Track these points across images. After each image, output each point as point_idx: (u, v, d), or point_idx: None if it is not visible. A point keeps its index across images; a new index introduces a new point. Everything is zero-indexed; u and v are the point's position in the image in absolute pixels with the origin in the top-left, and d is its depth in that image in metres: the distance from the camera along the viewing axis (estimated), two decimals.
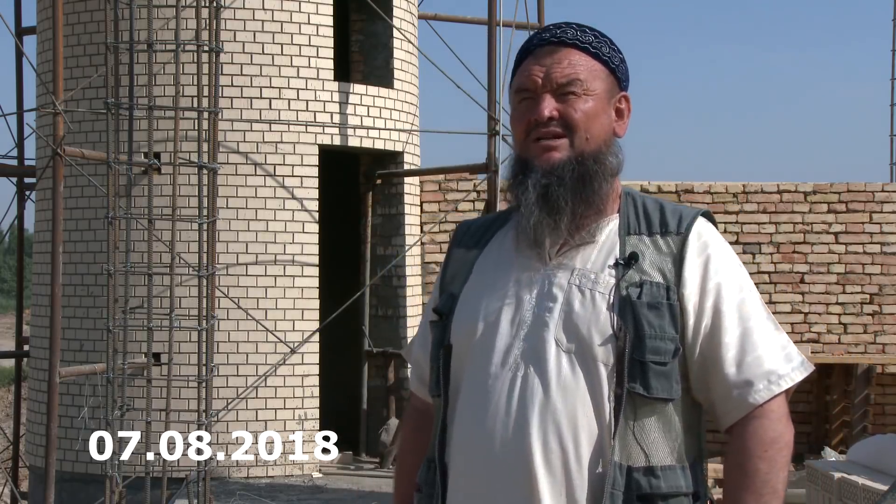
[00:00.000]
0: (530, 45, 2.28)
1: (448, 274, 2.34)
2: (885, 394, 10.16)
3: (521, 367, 2.15)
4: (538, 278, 2.20)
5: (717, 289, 2.18)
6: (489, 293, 2.23)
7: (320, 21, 9.06)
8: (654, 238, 2.20)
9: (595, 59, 2.24)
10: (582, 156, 2.19)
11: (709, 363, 2.17)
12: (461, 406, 2.21)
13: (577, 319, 2.14)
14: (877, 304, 10.16)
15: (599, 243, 2.21)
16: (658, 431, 2.14)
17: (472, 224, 2.39)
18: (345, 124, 9.18)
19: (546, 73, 2.21)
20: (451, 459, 2.21)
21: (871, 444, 6.52)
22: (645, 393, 2.11)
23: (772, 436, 2.17)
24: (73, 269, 8.87)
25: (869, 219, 10.18)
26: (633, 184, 10.10)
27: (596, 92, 2.22)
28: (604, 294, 2.15)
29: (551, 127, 2.20)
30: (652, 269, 2.17)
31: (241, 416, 8.65)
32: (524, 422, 2.11)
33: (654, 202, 2.27)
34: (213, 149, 7.07)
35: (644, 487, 2.10)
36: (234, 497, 7.92)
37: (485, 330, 2.20)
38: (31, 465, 9.52)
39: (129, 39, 6.85)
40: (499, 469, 2.12)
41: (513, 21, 10.09)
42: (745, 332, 2.17)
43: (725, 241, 2.26)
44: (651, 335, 2.12)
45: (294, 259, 8.86)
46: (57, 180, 7.70)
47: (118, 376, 6.85)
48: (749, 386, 2.16)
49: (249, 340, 8.71)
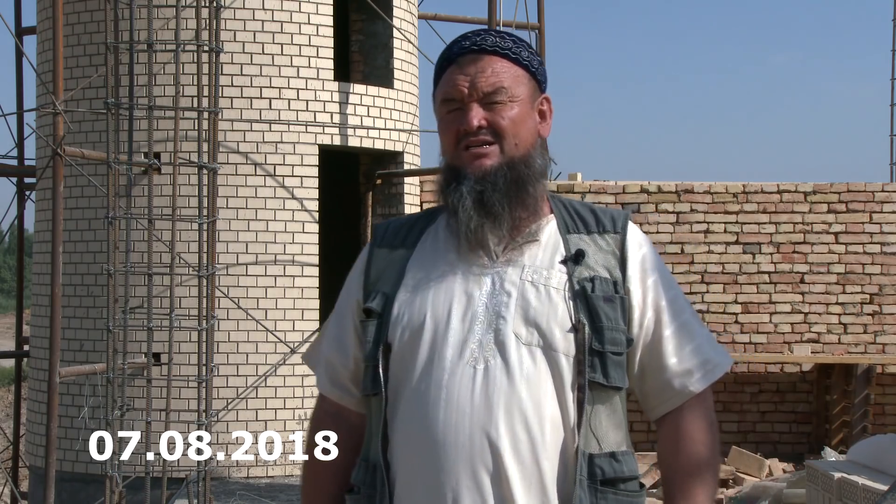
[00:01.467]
0: (451, 54, 2.31)
1: (373, 273, 2.33)
2: (885, 394, 10.16)
3: (481, 360, 2.17)
4: (487, 275, 2.23)
5: (655, 285, 2.28)
6: (434, 291, 2.25)
7: (320, 21, 9.06)
8: (592, 237, 2.29)
9: (516, 65, 2.29)
10: (512, 161, 2.25)
11: (651, 355, 2.27)
12: (410, 402, 2.21)
13: (534, 313, 2.19)
14: (877, 304, 10.16)
15: (543, 242, 2.27)
16: (608, 419, 2.21)
17: (391, 224, 2.40)
18: (345, 124, 9.18)
19: (471, 83, 2.25)
20: (398, 456, 2.21)
21: (871, 444, 6.52)
22: (604, 382, 2.18)
23: (709, 421, 2.27)
24: (73, 269, 8.87)
25: (869, 219, 10.18)
26: (635, 184, 10.11)
27: (520, 97, 2.27)
28: (558, 289, 2.21)
29: (480, 136, 2.24)
30: (597, 265, 2.25)
31: (241, 416, 8.66)
32: (491, 413, 2.14)
33: (581, 204, 2.36)
34: (213, 149, 7.07)
35: (608, 472, 2.17)
36: (234, 497, 7.92)
37: (434, 326, 2.22)
38: (31, 465, 9.52)
39: (129, 39, 6.85)
40: (464, 461, 2.14)
41: (513, 21, 10.10)
42: (681, 325, 2.28)
43: (650, 241, 2.38)
44: (608, 326, 2.20)
45: (294, 259, 8.86)
46: (57, 180, 7.70)
47: (118, 376, 6.86)
48: (689, 375, 2.26)
49: (249, 340, 8.72)
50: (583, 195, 9.95)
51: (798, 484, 7.63)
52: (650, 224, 9.98)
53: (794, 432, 10.17)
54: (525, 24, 10.89)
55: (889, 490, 4.88)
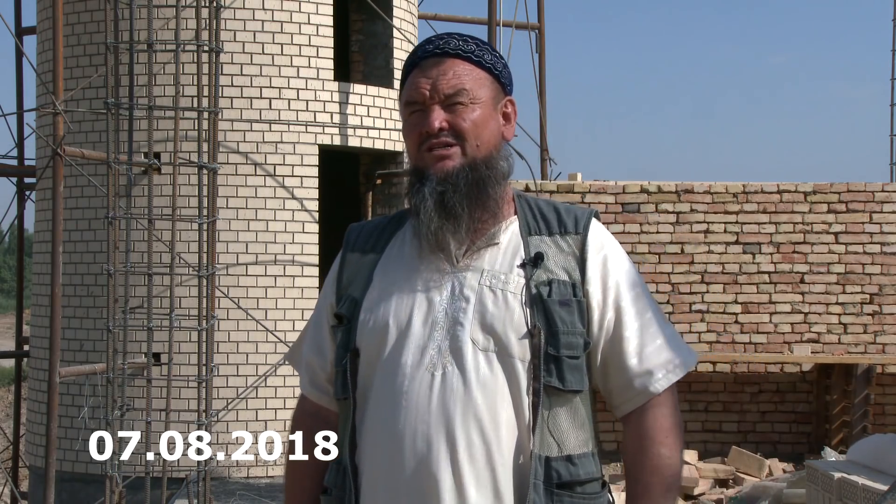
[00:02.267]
0: (415, 58, 2.35)
1: (345, 278, 2.36)
2: (885, 394, 10.15)
3: (439, 366, 2.20)
4: (447, 280, 2.25)
5: (617, 286, 2.28)
6: (397, 296, 2.27)
7: (320, 21, 9.06)
8: (554, 238, 2.29)
9: (479, 68, 2.31)
10: (474, 162, 2.26)
11: (611, 355, 2.27)
12: (374, 407, 2.24)
13: (491, 319, 2.20)
14: (877, 304, 10.16)
15: (503, 245, 2.28)
16: (568, 422, 2.22)
17: (364, 227, 2.42)
18: (345, 124, 9.18)
19: (433, 85, 2.28)
20: (365, 459, 2.24)
21: (871, 444, 6.52)
22: (560, 386, 2.19)
23: (672, 422, 2.27)
24: (73, 269, 8.87)
25: (869, 219, 10.18)
26: (635, 184, 10.11)
27: (482, 100, 2.28)
28: (515, 294, 2.22)
29: (442, 137, 2.27)
30: (557, 267, 2.26)
31: (241, 416, 8.66)
32: (447, 419, 2.16)
33: (547, 204, 2.35)
34: (213, 149, 7.07)
35: (564, 475, 2.18)
36: (234, 497, 7.92)
37: (396, 332, 2.24)
38: (31, 465, 9.52)
39: (129, 39, 6.85)
40: (423, 468, 2.16)
41: (513, 21, 10.10)
42: (643, 326, 2.28)
43: (615, 240, 2.37)
44: (564, 331, 2.20)
45: (294, 259, 8.86)
46: (57, 180, 7.70)
47: (118, 376, 6.86)
48: (650, 375, 2.26)
49: (249, 340, 8.72)
50: (583, 195, 9.95)
51: (798, 484, 7.63)
52: (650, 224, 9.98)
53: (794, 432, 10.16)
54: (525, 24, 10.89)
55: (889, 490, 4.88)
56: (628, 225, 9.99)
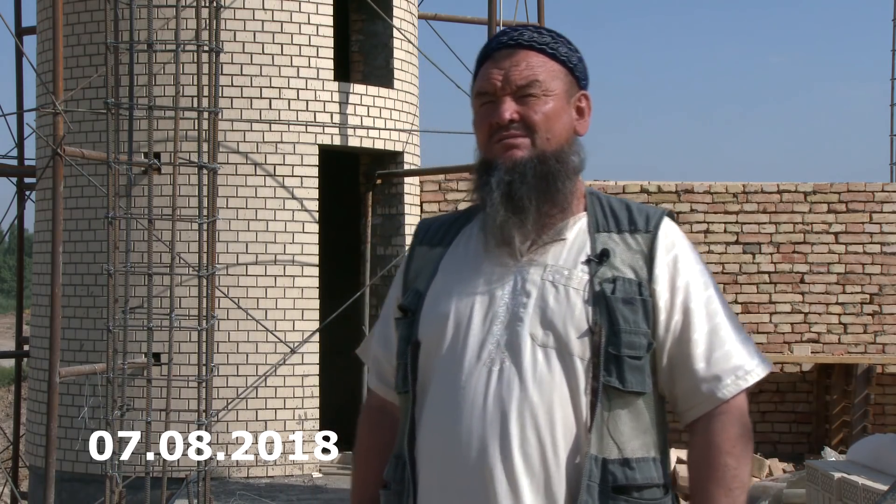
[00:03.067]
0: (489, 50, 2.31)
1: (412, 271, 2.35)
2: (885, 394, 10.16)
3: (497, 362, 2.17)
4: (510, 275, 2.22)
5: (686, 287, 2.22)
6: (459, 289, 2.25)
7: (320, 21, 9.06)
8: (623, 236, 2.24)
9: (553, 60, 2.27)
10: (544, 155, 2.23)
11: (678, 358, 2.21)
12: (432, 401, 2.22)
13: (552, 315, 2.17)
14: (877, 304, 10.16)
15: (569, 241, 2.24)
16: (630, 424, 2.16)
17: (434, 222, 2.41)
18: (345, 124, 9.18)
19: (505, 76, 2.24)
20: (422, 454, 2.22)
21: (871, 444, 6.52)
22: (620, 386, 2.14)
23: (739, 431, 2.20)
24: (73, 269, 8.87)
25: (869, 219, 10.18)
26: (635, 184, 10.11)
27: (555, 92, 2.25)
28: (578, 290, 2.18)
29: (512, 129, 2.23)
30: (623, 265, 2.20)
31: (241, 416, 8.66)
32: (502, 416, 2.13)
33: (619, 201, 2.31)
34: (213, 149, 7.07)
35: (620, 479, 2.12)
36: (234, 497, 7.92)
37: (456, 326, 2.22)
38: (31, 465, 9.52)
39: (129, 39, 6.85)
40: (477, 463, 2.14)
41: (513, 21, 10.10)
42: (712, 329, 2.21)
43: (688, 241, 2.31)
44: (626, 330, 2.15)
45: (294, 259, 8.86)
46: (57, 180, 7.70)
47: (118, 376, 6.86)
48: (718, 381, 2.20)
49: (249, 340, 8.72)
50: None
51: (798, 484, 7.63)
52: None
53: (794, 432, 10.17)
54: (525, 24, 10.88)
55: (889, 490, 4.88)
56: None
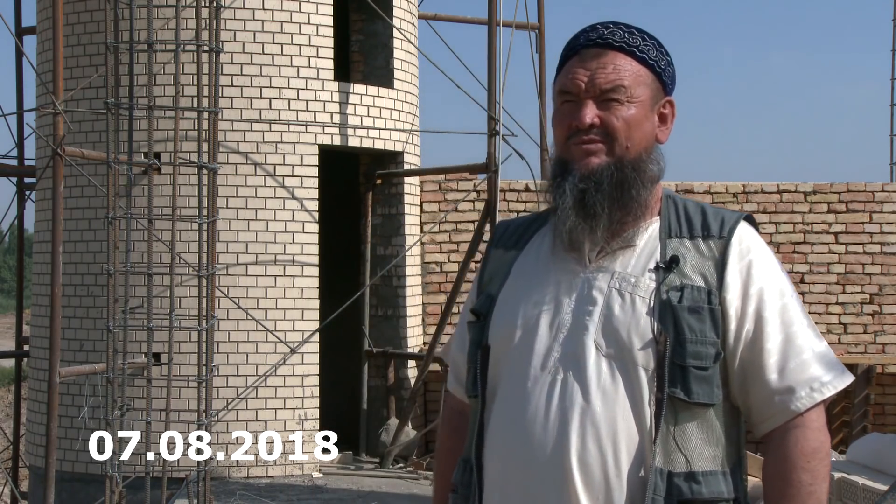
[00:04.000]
0: (576, 45, 2.24)
1: (487, 274, 2.33)
2: (885, 394, 10.15)
3: (561, 371, 2.13)
4: (578, 282, 2.18)
5: (760, 294, 2.15)
6: (528, 295, 2.21)
7: (320, 21, 9.06)
8: (695, 241, 2.18)
9: (641, 64, 2.21)
10: (621, 162, 2.17)
11: (750, 369, 2.14)
12: (498, 408, 2.20)
13: (616, 324, 2.12)
14: (877, 304, 10.16)
15: (639, 247, 2.19)
16: (699, 437, 2.12)
17: (511, 224, 2.37)
18: (345, 124, 9.18)
19: (590, 78, 2.18)
20: (488, 460, 2.20)
21: (870, 443, 6.52)
22: (686, 398, 2.09)
23: (814, 446, 2.13)
24: (73, 269, 8.87)
25: (869, 219, 10.18)
26: None
27: (640, 98, 2.19)
28: (644, 298, 2.13)
29: (591, 134, 2.17)
30: (693, 272, 2.14)
31: (241, 416, 8.65)
32: (564, 427, 2.09)
33: (695, 205, 2.24)
34: (213, 149, 7.07)
35: (685, 493, 2.07)
36: (234, 497, 7.91)
37: (523, 332, 2.19)
38: (31, 465, 9.52)
39: (129, 39, 6.84)
40: (537, 473, 2.11)
41: (513, 21, 10.09)
42: (787, 338, 2.14)
43: (767, 246, 2.23)
44: (692, 340, 2.09)
45: (294, 259, 8.86)
46: (57, 180, 7.70)
47: (118, 376, 6.85)
48: (791, 393, 2.13)
49: (249, 340, 8.71)
50: None
51: None
52: None
53: None
54: (525, 24, 10.88)
55: (889, 490, 4.89)
56: None
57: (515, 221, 2.37)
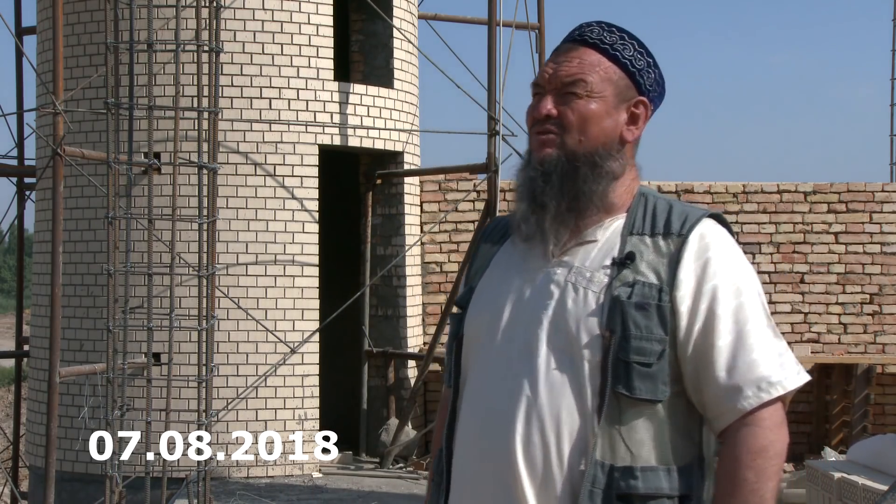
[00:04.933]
0: (561, 42, 2.31)
1: (473, 268, 2.38)
2: (885, 394, 10.15)
3: (515, 362, 2.18)
4: (539, 275, 2.22)
5: (713, 291, 2.14)
6: (497, 288, 2.27)
7: (320, 21, 9.06)
8: (655, 239, 2.18)
9: (612, 62, 2.24)
10: (573, 155, 2.20)
11: (701, 366, 2.14)
12: (466, 397, 2.27)
13: (567, 317, 2.15)
14: (877, 304, 10.16)
15: (601, 242, 2.21)
16: (645, 433, 2.12)
17: (503, 220, 2.41)
18: (345, 124, 9.18)
19: (554, 71, 2.24)
20: (455, 448, 2.27)
21: (871, 444, 6.52)
22: (628, 393, 2.10)
23: (761, 444, 2.11)
24: (73, 269, 8.87)
25: (869, 219, 10.18)
26: None
27: (602, 94, 2.22)
28: (595, 293, 2.15)
29: (546, 125, 2.22)
30: (648, 269, 2.15)
31: (241, 416, 8.65)
32: (511, 417, 2.15)
33: (665, 203, 2.24)
34: (213, 149, 7.07)
35: (622, 487, 2.08)
36: (234, 497, 7.91)
37: (489, 324, 2.24)
38: (31, 465, 9.52)
39: (129, 39, 6.84)
40: (486, 462, 2.17)
41: (513, 21, 10.09)
42: (738, 337, 2.12)
43: (733, 244, 2.22)
44: (636, 336, 2.10)
45: (294, 259, 8.86)
46: (57, 180, 7.70)
47: (118, 376, 6.85)
48: (739, 392, 2.11)
49: (249, 340, 8.71)
50: None
51: (798, 484, 7.63)
52: None
53: (794, 432, 10.12)
54: (525, 24, 10.88)
55: (889, 490, 4.89)
56: None
57: (508, 217, 2.40)
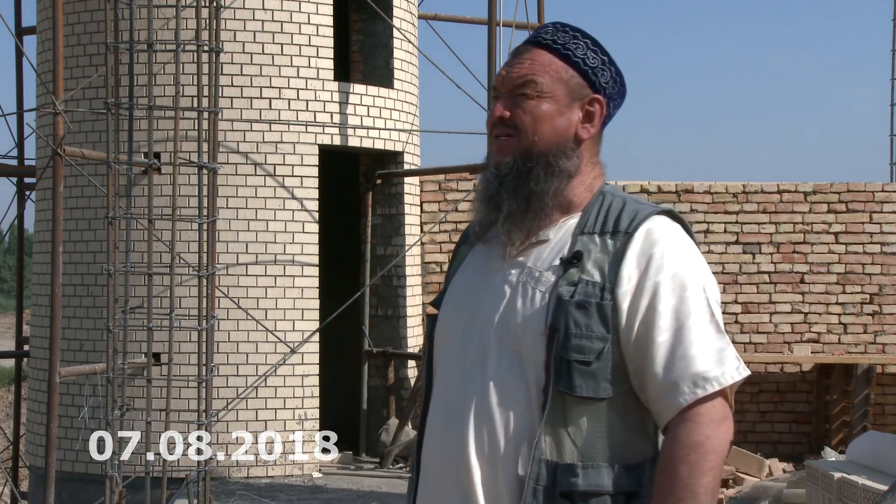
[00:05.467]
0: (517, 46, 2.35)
1: (451, 270, 2.41)
2: (885, 394, 10.16)
3: (469, 363, 2.22)
4: (497, 276, 2.26)
5: (655, 287, 2.14)
6: (463, 289, 2.31)
7: (320, 21, 9.06)
8: (603, 237, 2.20)
9: (564, 61, 2.25)
10: (527, 155, 2.23)
11: (641, 363, 2.15)
12: (433, 395, 2.31)
13: (515, 317, 2.19)
14: (877, 304, 10.16)
15: (553, 242, 2.23)
16: (590, 430, 2.14)
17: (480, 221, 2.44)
18: (345, 124, 9.18)
19: (507, 74, 2.27)
20: (423, 454, 2.30)
21: (869, 442, 6.52)
22: (569, 392, 2.12)
23: (696, 440, 2.09)
24: (73, 269, 8.87)
25: (869, 219, 10.18)
26: (633, 184, 10.10)
27: (553, 94, 2.24)
28: (542, 293, 2.18)
29: (502, 127, 2.26)
30: (593, 268, 2.17)
31: (241, 416, 8.65)
32: (465, 414, 2.19)
33: (620, 201, 2.25)
34: (213, 149, 7.07)
35: (563, 484, 2.11)
36: (234, 497, 7.92)
37: (455, 324, 2.28)
38: (31, 465, 9.52)
39: (129, 39, 6.85)
40: (446, 456, 2.21)
41: (513, 21, 10.09)
42: (678, 333, 2.13)
43: (684, 239, 2.22)
44: (577, 334, 2.12)
45: (294, 259, 8.86)
46: (57, 180, 7.70)
47: (118, 376, 6.85)
48: (675, 388, 2.12)
49: (249, 340, 8.71)
50: None
51: (798, 484, 7.63)
52: None
53: (794, 432, 10.17)
54: (525, 24, 10.89)
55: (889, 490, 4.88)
56: None
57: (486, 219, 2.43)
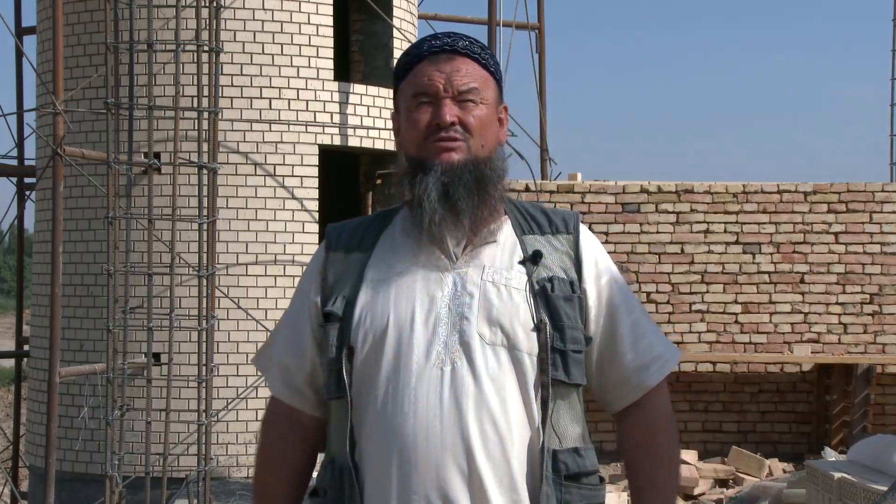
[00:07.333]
0: (421, 51, 2.35)
1: (330, 277, 2.34)
2: (885, 394, 10.15)
3: (447, 362, 2.21)
4: (447, 276, 2.27)
5: (609, 284, 2.36)
6: (396, 293, 2.27)
7: (320, 21, 9.06)
8: (547, 237, 2.35)
9: (485, 70, 2.35)
10: (478, 160, 2.30)
11: (608, 351, 2.35)
12: (377, 406, 2.23)
13: (497, 314, 2.24)
14: (877, 304, 10.16)
15: (501, 243, 2.32)
16: (568, 416, 2.28)
17: (345, 227, 2.41)
18: (345, 124, 9.18)
19: (448, 79, 2.30)
20: (369, 458, 2.23)
21: (871, 444, 6.52)
22: (566, 379, 2.26)
23: (668, 409, 2.37)
24: (73, 269, 8.87)
25: (869, 219, 10.17)
26: (635, 184, 10.10)
27: (488, 101, 2.34)
28: (519, 289, 2.27)
29: (452, 131, 2.29)
30: (554, 265, 2.32)
31: (241, 416, 8.66)
32: (461, 414, 2.18)
33: (532, 205, 2.41)
34: (213, 149, 7.08)
35: (572, 467, 2.25)
36: (234, 497, 7.92)
37: (398, 329, 2.24)
38: (31, 465, 9.52)
39: (129, 39, 6.85)
40: (438, 461, 2.17)
41: (513, 21, 10.10)
42: (633, 323, 2.36)
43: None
44: (569, 325, 2.27)
45: (294, 259, 8.86)
46: (57, 180, 7.70)
47: (118, 376, 6.86)
48: (646, 369, 2.35)
49: (249, 340, 8.72)
50: (583, 195, 9.95)
51: (798, 484, 7.63)
52: (650, 224, 9.98)
53: (794, 432, 10.16)
54: (525, 24, 10.89)
55: (889, 490, 4.89)
56: (628, 225, 9.99)
57: (350, 224, 2.42)
